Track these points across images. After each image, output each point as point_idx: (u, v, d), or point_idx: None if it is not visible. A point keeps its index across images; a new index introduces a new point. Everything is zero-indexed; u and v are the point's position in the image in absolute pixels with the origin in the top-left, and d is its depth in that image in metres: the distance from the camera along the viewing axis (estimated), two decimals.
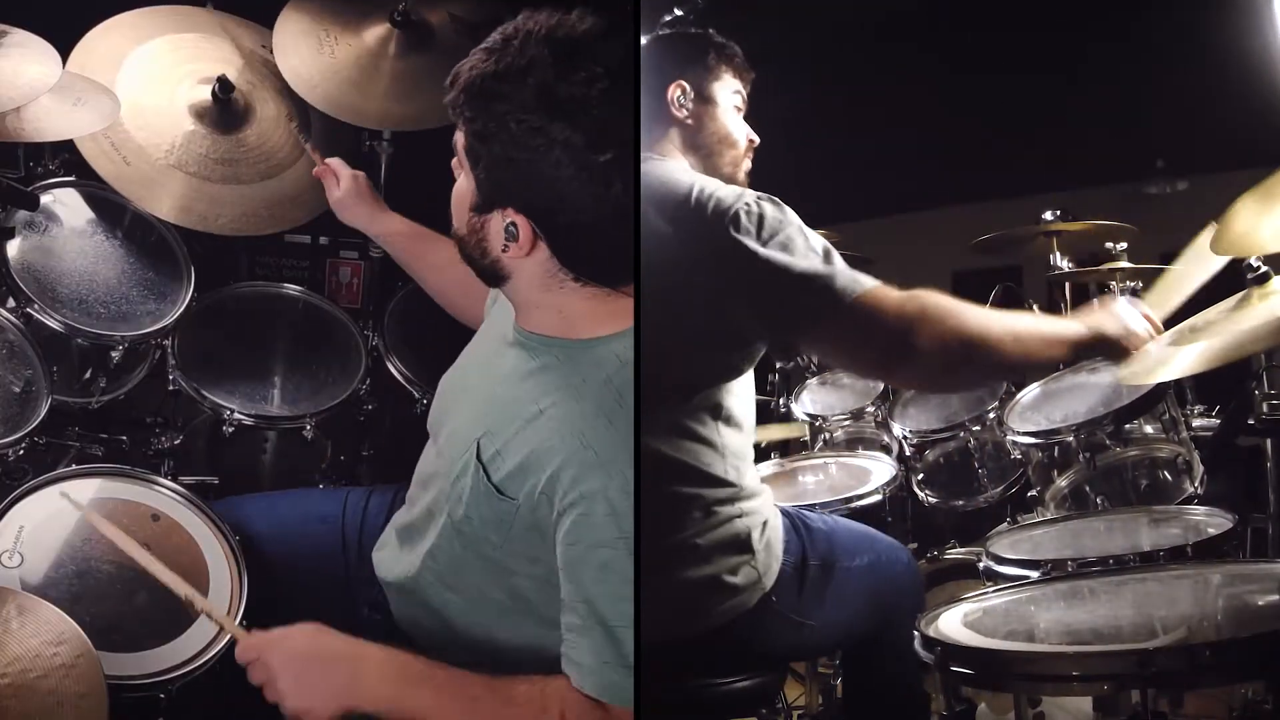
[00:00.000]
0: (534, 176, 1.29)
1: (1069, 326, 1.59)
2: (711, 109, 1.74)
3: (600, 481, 1.31)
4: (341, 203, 2.02)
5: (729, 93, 1.76)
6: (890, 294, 1.44)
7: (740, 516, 1.58)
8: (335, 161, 2.05)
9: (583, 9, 1.31)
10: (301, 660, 1.36)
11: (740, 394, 1.63)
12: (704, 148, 1.73)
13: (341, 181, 2.02)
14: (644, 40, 1.86)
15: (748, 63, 1.79)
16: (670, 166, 1.67)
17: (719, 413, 1.59)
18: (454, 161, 1.41)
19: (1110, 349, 1.62)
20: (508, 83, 1.28)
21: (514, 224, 1.34)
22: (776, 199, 1.54)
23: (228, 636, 1.60)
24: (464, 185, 1.39)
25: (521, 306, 1.46)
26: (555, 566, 1.38)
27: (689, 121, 1.72)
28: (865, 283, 1.45)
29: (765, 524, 1.61)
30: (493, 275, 1.42)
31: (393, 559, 1.61)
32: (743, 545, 1.57)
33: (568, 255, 1.36)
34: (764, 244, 1.48)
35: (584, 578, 1.34)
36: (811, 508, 2.30)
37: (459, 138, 1.36)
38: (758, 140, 1.78)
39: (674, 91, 1.71)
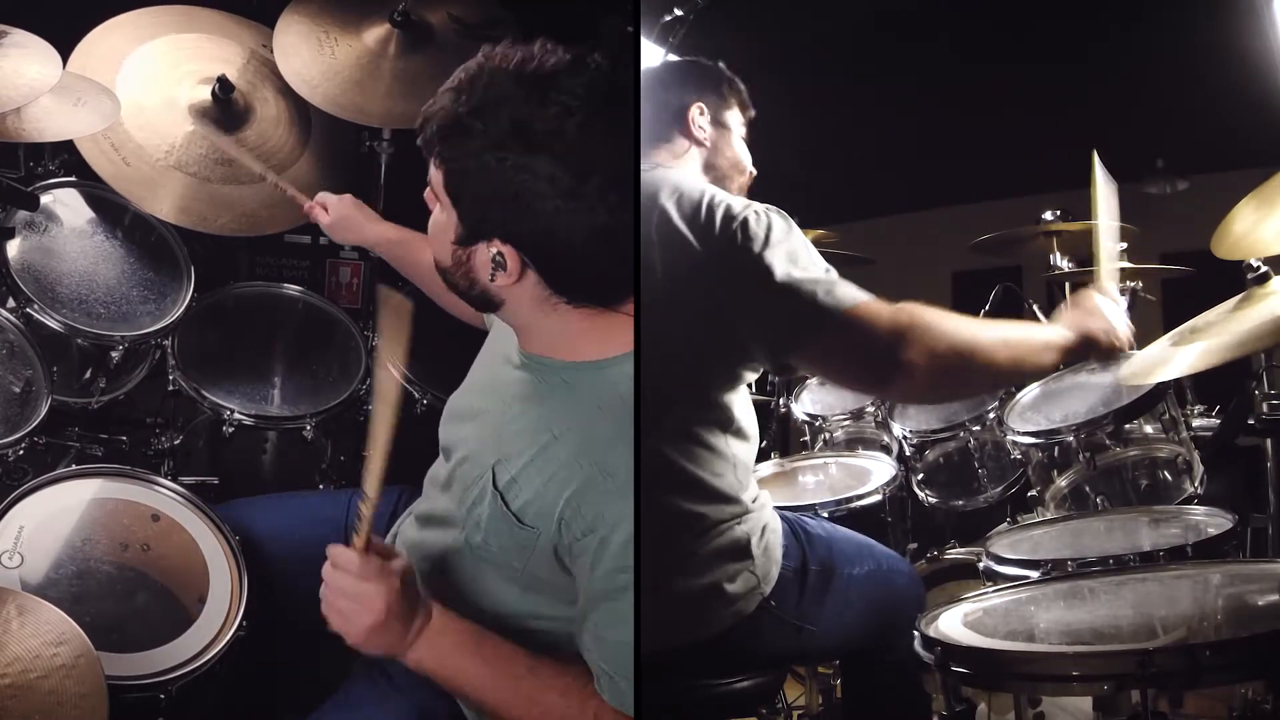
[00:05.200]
0: (519, 210, 1.28)
1: (1056, 332, 1.58)
2: (726, 135, 1.78)
3: (621, 510, 1.31)
4: (334, 226, 2.04)
5: (738, 123, 1.80)
6: (882, 307, 1.44)
7: (740, 524, 1.59)
8: (320, 197, 2.07)
9: (546, 39, 1.29)
10: (393, 612, 1.32)
11: (745, 404, 1.64)
12: (718, 170, 1.76)
13: (331, 207, 2.04)
14: (650, 44, 1.87)
15: (750, 99, 1.83)
16: (686, 173, 1.69)
17: (729, 425, 1.59)
18: (427, 193, 1.40)
19: (1097, 349, 1.61)
20: (481, 119, 1.27)
21: (501, 254, 1.33)
22: (784, 212, 1.55)
23: (229, 636, 1.60)
24: (442, 218, 1.38)
25: (520, 329, 1.45)
26: (576, 586, 1.38)
27: (707, 144, 1.76)
28: (859, 295, 1.45)
29: (764, 529, 1.61)
30: (483, 302, 1.42)
31: None
32: (741, 551, 1.57)
33: (558, 281, 1.35)
34: (768, 250, 1.48)
35: (601, 598, 1.35)
36: (811, 508, 2.30)
37: (435, 174, 1.35)
38: (754, 174, 1.83)
39: (694, 112, 1.74)
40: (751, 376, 1.63)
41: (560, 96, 1.26)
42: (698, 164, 1.75)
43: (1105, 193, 1.90)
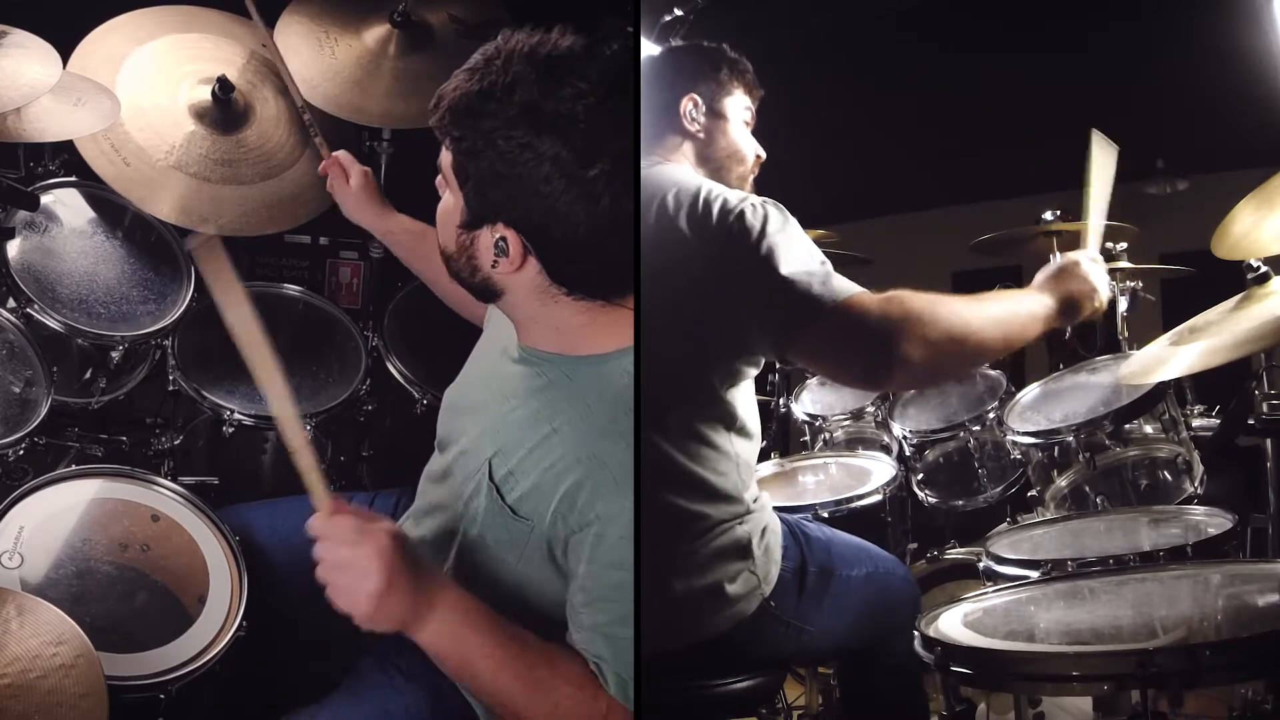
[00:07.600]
0: (523, 191, 1.29)
1: (1039, 302, 1.55)
2: (722, 124, 1.75)
3: (617, 504, 1.30)
4: (354, 198, 2.00)
5: (739, 108, 1.77)
6: (872, 298, 1.43)
7: (741, 524, 1.58)
8: (345, 156, 2.02)
9: (563, 25, 1.31)
10: (396, 573, 1.24)
11: (748, 401, 1.64)
12: (714, 161, 1.74)
13: (353, 178, 2.00)
14: (649, 44, 1.87)
15: (758, 80, 1.80)
16: (679, 169, 1.68)
17: (733, 423, 1.59)
18: (438, 180, 1.40)
19: (1079, 311, 1.58)
20: (493, 100, 1.28)
21: (504, 239, 1.33)
22: (781, 205, 1.54)
23: (229, 636, 1.60)
24: (450, 203, 1.38)
25: (520, 323, 1.45)
26: (570, 584, 1.37)
27: (700, 135, 1.74)
28: (852, 288, 1.44)
29: (765, 529, 1.61)
30: (485, 292, 1.41)
31: None
32: (743, 551, 1.57)
33: (558, 270, 1.35)
34: (764, 242, 1.48)
35: (596, 594, 1.34)
36: (811, 508, 2.30)
37: (445, 157, 1.36)
38: (764, 156, 1.79)
39: (686, 105, 1.72)
40: (753, 372, 1.62)
41: (573, 79, 1.27)
42: (691, 157, 1.73)
43: (1102, 155, 1.88)
